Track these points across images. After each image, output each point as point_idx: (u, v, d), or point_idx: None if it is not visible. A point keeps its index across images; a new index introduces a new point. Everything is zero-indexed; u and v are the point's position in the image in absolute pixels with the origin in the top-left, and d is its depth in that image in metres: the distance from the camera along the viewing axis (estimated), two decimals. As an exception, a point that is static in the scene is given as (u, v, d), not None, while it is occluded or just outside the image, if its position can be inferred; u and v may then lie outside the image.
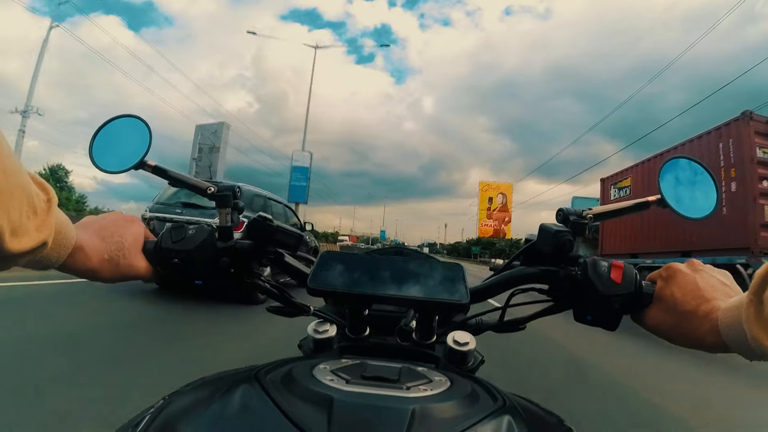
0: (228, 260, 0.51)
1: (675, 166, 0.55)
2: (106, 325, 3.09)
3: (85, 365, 2.18)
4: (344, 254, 0.51)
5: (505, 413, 0.32)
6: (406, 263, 0.50)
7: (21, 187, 0.28)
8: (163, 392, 0.37)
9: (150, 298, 4.22)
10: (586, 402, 2.48)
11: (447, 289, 0.46)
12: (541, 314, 0.54)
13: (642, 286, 0.47)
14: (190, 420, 0.31)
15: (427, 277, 0.48)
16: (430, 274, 0.48)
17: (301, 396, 0.31)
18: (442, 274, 0.48)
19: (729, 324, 0.37)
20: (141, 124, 0.56)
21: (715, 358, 3.20)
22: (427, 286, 0.46)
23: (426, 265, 0.49)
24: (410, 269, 0.49)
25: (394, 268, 0.49)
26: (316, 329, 0.53)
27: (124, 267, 0.46)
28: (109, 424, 1.50)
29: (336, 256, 0.51)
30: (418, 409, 0.29)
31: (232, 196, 0.54)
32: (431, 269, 0.49)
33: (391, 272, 0.48)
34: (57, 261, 0.37)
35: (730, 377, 3.38)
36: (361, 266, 0.49)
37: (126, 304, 3.87)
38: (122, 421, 0.35)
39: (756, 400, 2.94)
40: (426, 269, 0.49)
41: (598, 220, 0.54)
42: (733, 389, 3.14)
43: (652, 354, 3.83)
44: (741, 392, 3.08)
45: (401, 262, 0.50)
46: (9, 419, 1.51)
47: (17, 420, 1.52)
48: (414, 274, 0.48)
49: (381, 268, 0.49)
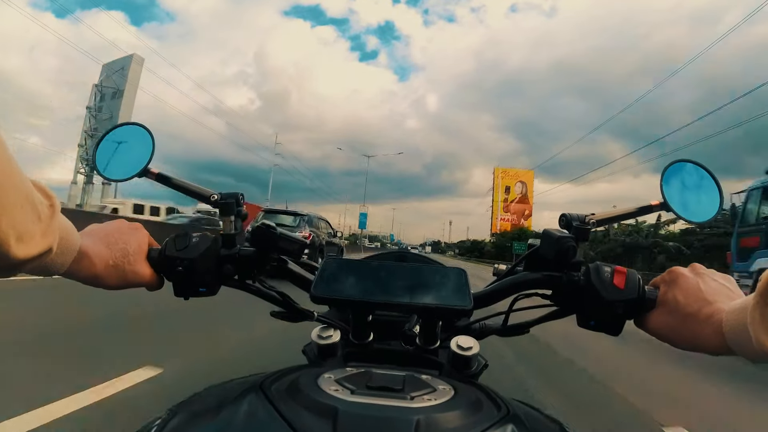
0: (232, 267, 0.51)
1: (678, 170, 0.55)
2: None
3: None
4: (347, 261, 0.52)
5: (508, 422, 0.32)
6: (410, 269, 0.50)
7: (25, 193, 0.28)
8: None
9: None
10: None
11: (450, 295, 0.46)
12: (545, 319, 0.54)
13: (645, 291, 0.47)
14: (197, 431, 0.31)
15: (430, 282, 0.48)
16: (433, 280, 0.48)
17: (306, 407, 0.31)
18: (446, 280, 0.48)
19: (733, 327, 0.37)
20: (144, 132, 0.56)
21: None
22: (431, 292, 0.47)
23: (429, 271, 0.50)
24: (413, 275, 0.49)
25: (397, 274, 0.49)
26: (320, 335, 0.53)
27: (128, 274, 0.46)
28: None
29: (339, 262, 0.51)
30: (422, 419, 0.30)
31: (235, 204, 0.54)
32: (434, 275, 0.49)
33: (395, 278, 0.48)
34: (62, 267, 0.37)
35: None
36: (364, 272, 0.49)
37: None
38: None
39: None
40: (429, 275, 0.49)
41: (601, 225, 0.54)
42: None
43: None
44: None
45: (405, 268, 0.50)
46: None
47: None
48: (417, 280, 0.48)
49: (384, 274, 0.49)
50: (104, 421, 1.72)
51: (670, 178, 0.55)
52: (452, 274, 0.49)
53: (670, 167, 0.55)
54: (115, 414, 1.78)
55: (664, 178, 0.54)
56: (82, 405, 1.79)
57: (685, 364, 3.58)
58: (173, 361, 2.50)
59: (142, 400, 1.92)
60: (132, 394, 1.98)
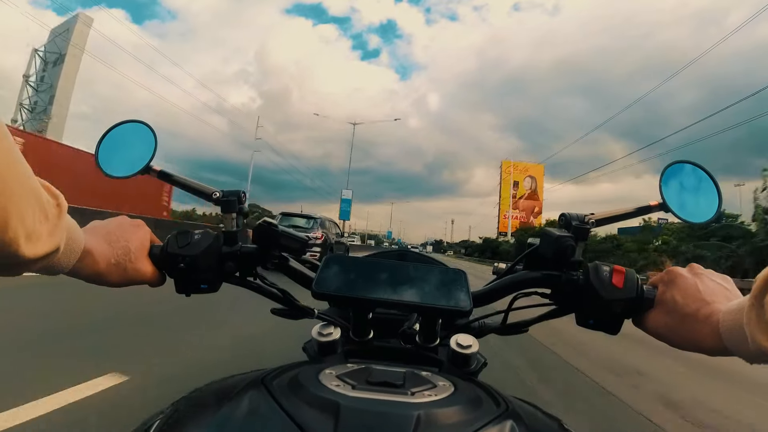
0: (233, 265, 0.52)
1: (677, 171, 0.56)
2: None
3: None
4: (349, 258, 0.52)
5: (507, 418, 0.33)
6: (410, 267, 0.50)
7: (33, 192, 0.28)
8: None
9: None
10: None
11: (450, 294, 0.47)
12: (544, 318, 0.55)
13: (643, 290, 0.47)
14: (199, 426, 0.32)
15: (430, 281, 0.48)
16: (433, 279, 0.48)
17: (308, 402, 0.32)
18: (445, 279, 0.49)
19: (730, 327, 0.37)
20: (146, 129, 0.57)
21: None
22: (431, 291, 0.47)
23: (429, 270, 0.50)
24: (414, 274, 0.49)
25: (397, 273, 0.49)
26: (321, 332, 0.54)
27: (131, 271, 0.46)
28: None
29: (341, 260, 0.51)
30: (423, 414, 0.30)
31: (237, 201, 0.54)
32: (434, 274, 0.49)
33: (395, 277, 0.49)
34: (67, 266, 0.37)
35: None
36: (365, 270, 0.49)
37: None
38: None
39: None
40: (429, 274, 0.49)
41: (600, 225, 0.55)
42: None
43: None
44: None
45: (405, 267, 0.50)
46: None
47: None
48: (417, 279, 0.48)
49: (385, 272, 0.49)
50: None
51: (669, 178, 0.55)
52: (452, 274, 0.50)
53: (668, 168, 0.55)
54: (70, 426, 1.64)
55: (663, 179, 0.55)
56: (33, 416, 1.65)
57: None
58: (143, 368, 2.32)
59: (104, 410, 1.79)
60: (92, 403, 1.84)
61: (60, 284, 2.89)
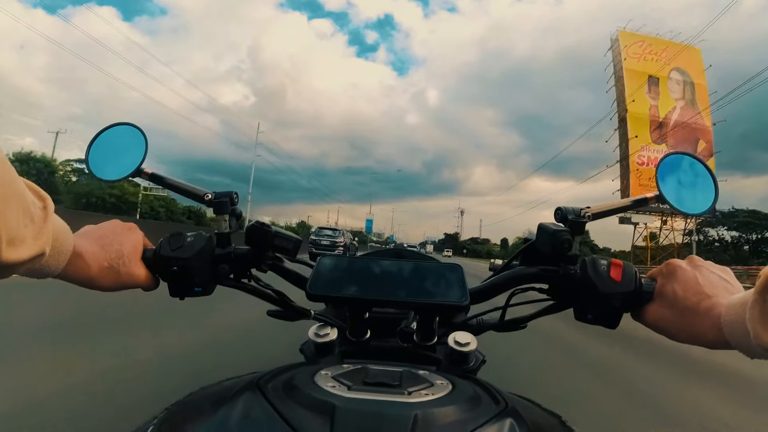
0: (227, 267, 0.51)
1: (673, 163, 0.55)
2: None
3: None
4: (343, 258, 0.52)
5: (506, 416, 0.32)
6: (406, 266, 0.50)
7: (17, 195, 0.28)
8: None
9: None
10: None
11: (446, 291, 0.46)
12: (542, 313, 0.54)
13: (642, 283, 0.47)
14: (193, 431, 0.31)
15: (426, 279, 0.48)
16: (429, 277, 0.48)
17: (304, 404, 0.31)
18: (441, 276, 0.48)
19: (731, 322, 0.37)
20: (137, 132, 0.56)
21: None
22: (427, 289, 0.47)
23: (425, 267, 0.50)
24: (409, 272, 0.49)
25: (393, 271, 0.49)
26: (317, 333, 0.53)
27: (123, 275, 0.46)
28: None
29: (335, 260, 0.51)
30: (420, 414, 0.29)
31: (229, 202, 0.54)
32: (429, 270, 0.49)
33: (391, 275, 0.48)
34: (56, 269, 0.37)
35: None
36: (360, 270, 0.49)
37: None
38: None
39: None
40: (425, 271, 0.49)
41: (597, 218, 0.54)
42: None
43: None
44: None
45: (400, 265, 0.50)
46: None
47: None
48: (413, 277, 0.48)
49: (380, 271, 0.49)
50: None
51: (665, 170, 0.55)
52: (447, 269, 0.49)
53: (664, 160, 0.55)
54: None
55: (659, 171, 0.54)
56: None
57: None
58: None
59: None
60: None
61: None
